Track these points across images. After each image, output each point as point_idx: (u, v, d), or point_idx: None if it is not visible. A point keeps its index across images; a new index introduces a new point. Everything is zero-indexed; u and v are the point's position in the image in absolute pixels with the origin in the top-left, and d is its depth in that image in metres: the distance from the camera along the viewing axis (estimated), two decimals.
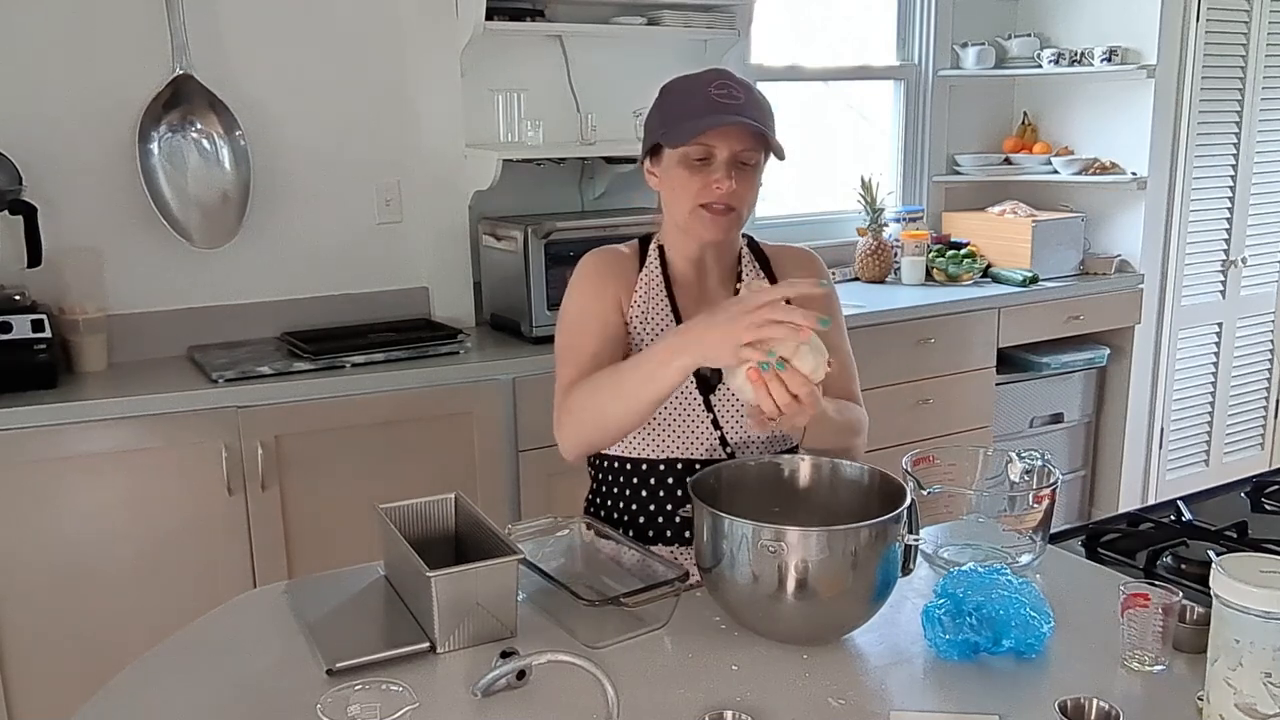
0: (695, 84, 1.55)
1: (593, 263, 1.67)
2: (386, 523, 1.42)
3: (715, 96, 1.52)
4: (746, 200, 1.57)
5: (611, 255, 1.68)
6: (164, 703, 1.20)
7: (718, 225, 1.56)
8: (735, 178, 1.53)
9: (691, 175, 1.54)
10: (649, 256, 1.67)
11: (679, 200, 1.57)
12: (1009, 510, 1.51)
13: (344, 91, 2.84)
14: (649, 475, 1.61)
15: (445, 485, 1.56)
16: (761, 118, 1.54)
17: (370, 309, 2.92)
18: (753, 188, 1.58)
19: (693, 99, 1.54)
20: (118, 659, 1.31)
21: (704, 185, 1.53)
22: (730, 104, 1.52)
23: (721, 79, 1.55)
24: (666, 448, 1.60)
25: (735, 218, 1.57)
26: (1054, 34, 3.93)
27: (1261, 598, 1.00)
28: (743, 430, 1.60)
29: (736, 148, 1.53)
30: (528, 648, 1.24)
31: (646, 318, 1.63)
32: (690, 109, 1.53)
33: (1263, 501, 1.84)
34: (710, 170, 1.53)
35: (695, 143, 1.52)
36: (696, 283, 1.66)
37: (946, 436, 3.36)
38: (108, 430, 2.28)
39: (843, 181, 3.80)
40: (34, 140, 2.50)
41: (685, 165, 1.54)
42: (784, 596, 1.24)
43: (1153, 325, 3.92)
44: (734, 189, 1.52)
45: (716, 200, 1.53)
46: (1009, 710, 1.15)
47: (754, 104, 1.55)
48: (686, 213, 1.56)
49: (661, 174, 1.59)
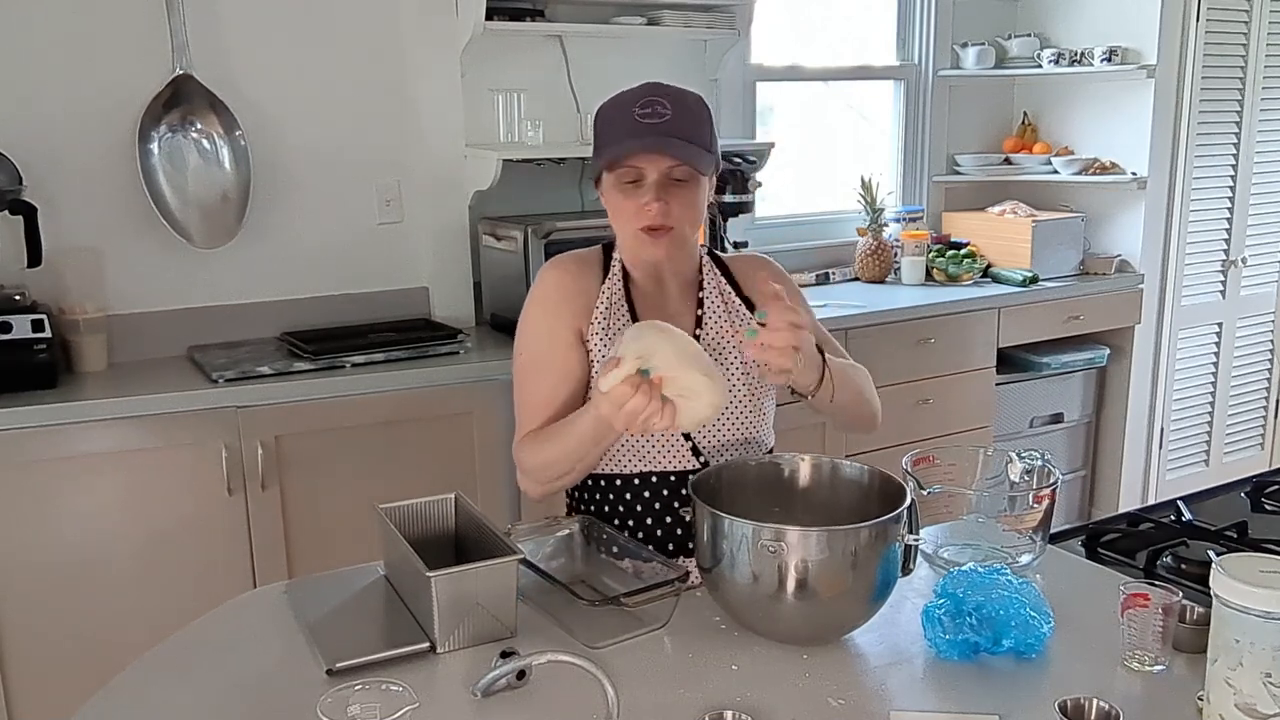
0: (623, 104, 1.54)
1: (551, 281, 1.64)
2: (386, 523, 1.42)
3: (639, 117, 1.50)
4: (685, 218, 1.55)
5: (572, 269, 1.65)
6: (164, 703, 1.20)
7: (658, 246, 1.55)
8: (668, 197, 1.51)
9: (625, 199, 1.54)
10: (612, 268, 1.65)
11: (619, 224, 1.58)
12: (1009, 510, 1.51)
13: (344, 91, 2.84)
14: (624, 490, 1.61)
15: (445, 485, 1.56)
16: (692, 130, 1.52)
17: (370, 309, 2.92)
18: (691, 205, 1.55)
19: (618, 122, 1.53)
20: (118, 659, 1.31)
21: (637, 209, 1.52)
22: (654, 124, 1.50)
23: (648, 96, 1.53)
24: (639, 463, 1.59)
25: (674, 236, 1.55)
26: (1054, 34, 3.93)
27: (1261, 598, 1.00)
28: (713, 438, 1.60)
29: (665, 166, 1.51)
30: (528, 648, 1.24)
31: (609, 332, 1.61)
32: (615, 134, 1.52)
33: (1263, 501, 1.85)
34: (640, 193, 1.52)
35: (622, 166, 1.51)
36: (657, 293, 1.65)
37: (946, 436, 3.36)
38: (108, 430, 2.28)
39: (843, 181, 3.80)
40: (34, 140, 2.50)
41: (619, 189, 1.54)
42: (784, 596, 1.24)
43: (1153, 325, 3.92)
44: (666, 208, 1.51)
45: (650, 222, 1.52)
46: (1009, 710, 1.15)
47: (683, 117, 1.52)
48: (629, 236, 1.57)
49: (605, 198, 1.60)
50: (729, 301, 1.67)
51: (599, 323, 1.60)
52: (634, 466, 1.59)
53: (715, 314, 1.66)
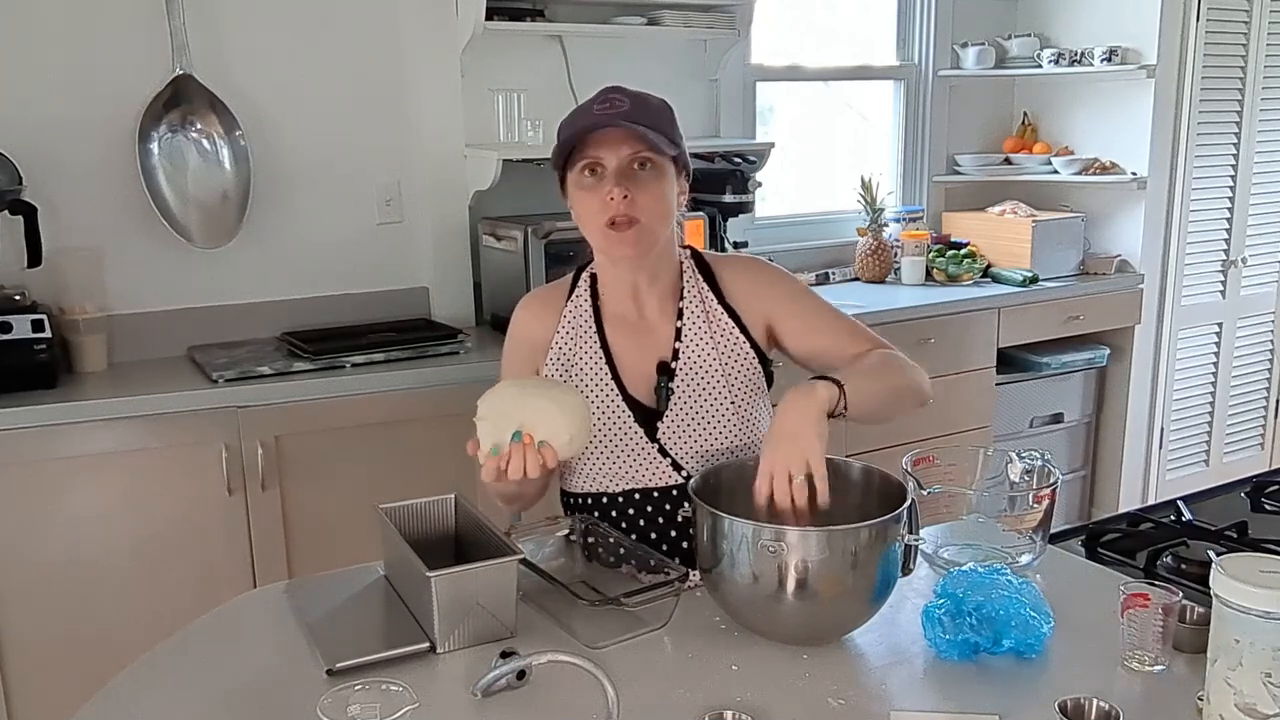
0: (584, 105, 1.53)
1: (517, 321, 1.68)
2: (386, 523, 1.42)
3: (596, 111, 1.49)
4: (654, 211, 1.51)
5: (535, 309, 1.67)
6: (164, 703, 1.20)
7: (625, 240, 1.51)
8: (632, 187, 1.48)
9: (589, 195, 1.51)
10: (578, 287, 1.65)
11: (586, 224, 1.55)
12: (1009, 510, 1.51)
13: (344, 91, 2.84)
14: (610, 509, 1.61)
15: (445, 485, 1.56)
16: (651, 119, 1.50)
17: (370, 309, 2.92)
18: (657, 196, 1.51)
19: (577, 119, 1.52)
20: (118, 659, 1.31)
21: (600, 204, 1.49)
22: (611, 112, 1.48)
23: (607, 94, 1.51)
24: (620, 482, 1.59)
25: (641, 229, 1.51)
26: (1054, 34, 3.93)
27: (1261, 598, 1.00)
28: (690, 448, 1.59)
29: (624, 152, 1.48)
30: (528, 648, 1.24)
31: (575, 354, 1.61)
32: (573, 131, 1.50)
33: (1263, 501, 1.85)
34: (602, 184, 1.49)
35: (580, 158, 1.49)
36: (635, 312, 1.63)
37: (946, 436, 3.36)
38: (108, 430, 2.28)
39: (843, 181, 3.80)
40: (34, 140, 2.49)
41: (580, 186, 1.52)
42: (784, 596, 1.24)
43: (1153, 325, 3.91)
44: (629, 198, 1.48)
45: (615, 214, 1.49)
46: (1009, 710, 1.15)
47: (641, 109, 1.50)
48: (597, 235, 1.54)
49: (570, 203, 1.57)
50: (710, 310, 1.62)
51: (558, 346, 1.62)
52: (617, 485, 1.59)
53: (695, 326, 1.61)
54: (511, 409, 1.39)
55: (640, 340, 1.62)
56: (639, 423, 1.58)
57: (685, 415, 1.59)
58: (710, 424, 1.59)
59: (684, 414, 1.59)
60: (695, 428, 1.59)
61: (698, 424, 1.59)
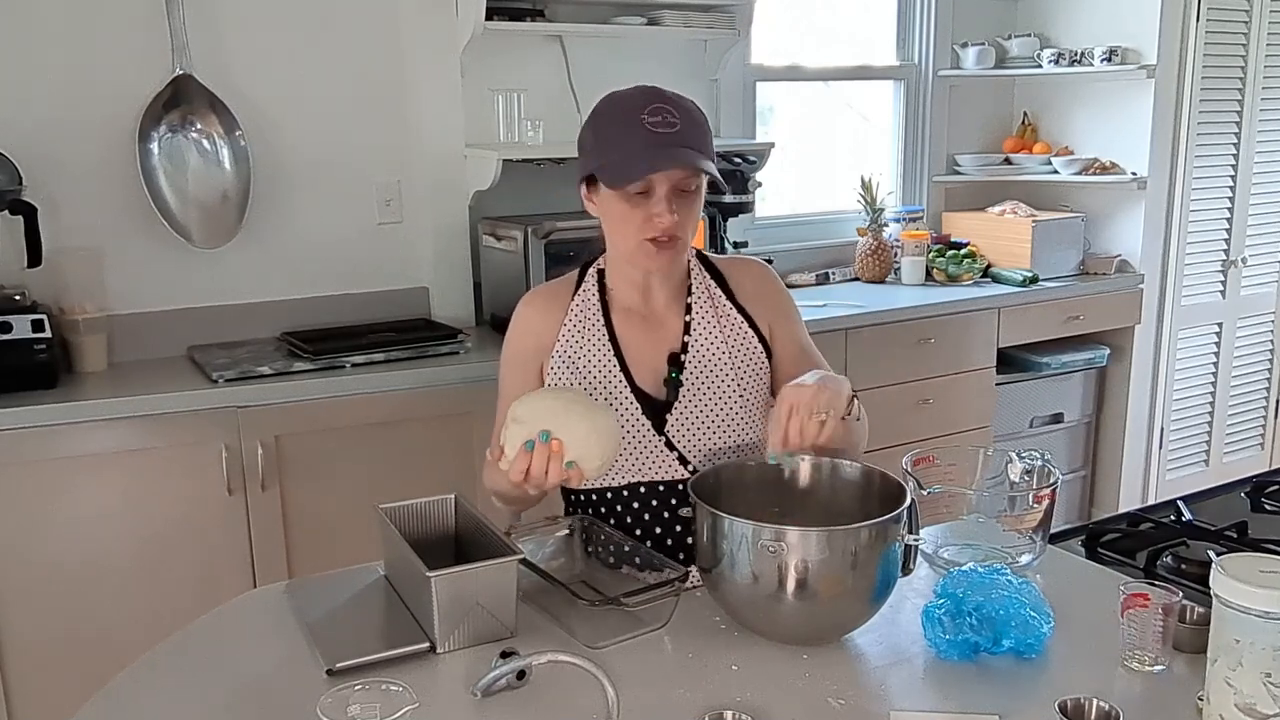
0: (629, 110, 1.49)
1: (520, 316, 1.66)
2: (386, 523, 1.42)
3: (650, 127, 1.46)
4: (689, 228, 1.54)
5: (539, 305, 1.66)
6: (164, 703, 1.20)
7: (664, 257, 1.53)
8: (679, 208, 1.49)
9: (632, 209, 1.50)
10: (585, 283, 1.65)
11: (621, 234, 1.54)
12: (1009, 510, 1.51)
13: (344, 91, 2.84)
14: (615, 502, 1.61)
15: (445, 485, 1.56)
16: (699, 139, 1.50)
17: (370, 309, 2.92)
18: (694, 214, 1.55)
19: (629, 132, 1.47)
20: (118, 659, 1.31)
21: (645, 219, 1.49)
22: (667, 134, 1.46)
23: (655, 103, 1.48)
24: (627, 474, 1.59)
25: (680, 246, 1.54)
26: (1054, 34, 3.93)
27: (1261, 598, 1.00)
28: (698, 442, 1.59)
29: (677, 177, 1.49)
30: (528, 648, 1.24)
31: (582, 348, 1.61)
32: (628, 145, 1.47)
33: (1263, 501, 1.85)
34: (651, 203, 1.49)
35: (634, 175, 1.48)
36: (644, 305, 1.64)
37: (946, 436, 3.36)
38: (108, 430, 2.28)
39: (843, 181, 3.80)
40: (34, 140, 2.49)
41: (624, 199, 1.50)
42: (784, 596, 1.24)
43: (1153, 325, 3.91)
44: (676, 220, 1.49)
45: (659, 233, 1.50)
46: (1009, 710, 1.15)
47: (690, 126, 1.50)
48: (631, 246, 1.53)
49: (600, 204, 1.56)
50: (718, 306, 1.65)
51: (565, 340, 1.61)
52: (622, 478, 1.59)
53: (704, 319, 1.63)
54: (549, 420, 1.36)
55: (649, 333, 1.63)
56: (647, 415, 1.59)
57: (694, 408, 1.59)
58: (719, 417, 1.60)
59: (692, 407, 1.59)
60: (703, 421, 1.59)
61: (706, 417, 1.59)
